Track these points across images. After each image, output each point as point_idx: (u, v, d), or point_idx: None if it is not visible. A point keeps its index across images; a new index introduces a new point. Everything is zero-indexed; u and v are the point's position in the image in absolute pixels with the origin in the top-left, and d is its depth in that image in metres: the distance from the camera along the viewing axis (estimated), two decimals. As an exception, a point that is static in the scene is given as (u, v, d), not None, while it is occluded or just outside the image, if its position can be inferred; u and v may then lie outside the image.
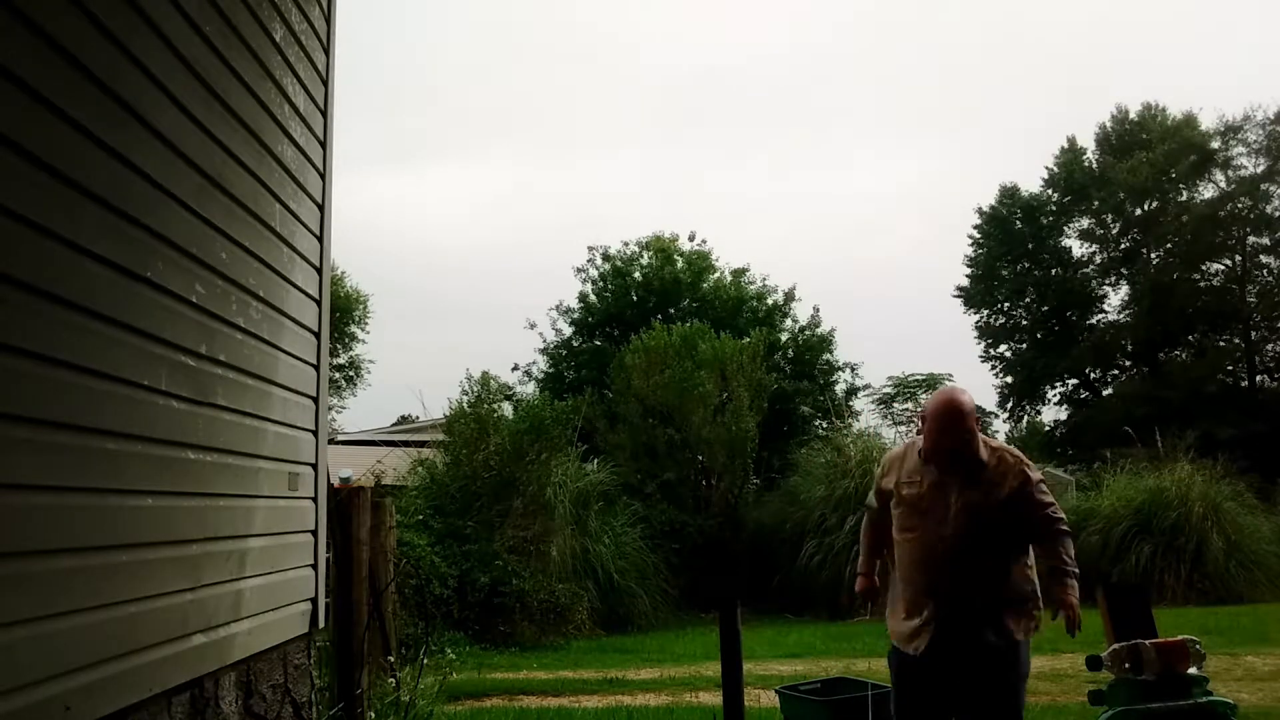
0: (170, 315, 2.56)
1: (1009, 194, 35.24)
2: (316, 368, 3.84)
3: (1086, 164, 34.23)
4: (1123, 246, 33.85)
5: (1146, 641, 1.95)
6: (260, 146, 3.19)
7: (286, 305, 3.48)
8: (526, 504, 11.92)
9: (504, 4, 66.09)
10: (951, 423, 3.21)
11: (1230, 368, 31.22)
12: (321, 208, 3.93)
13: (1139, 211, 33.08)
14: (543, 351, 23.61)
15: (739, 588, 14.27)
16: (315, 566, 3.81)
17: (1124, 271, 33.77)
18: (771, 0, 61.49)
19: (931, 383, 19.25)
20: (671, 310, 21.46)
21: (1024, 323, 35.76)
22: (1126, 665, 1.99)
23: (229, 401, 2.93)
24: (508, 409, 14.82)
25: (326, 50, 4.00)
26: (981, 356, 35.84)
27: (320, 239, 3.91)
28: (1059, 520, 3.22)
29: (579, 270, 23.66)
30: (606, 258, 23.45)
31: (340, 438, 18.28)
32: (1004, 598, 3.14)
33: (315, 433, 3.83)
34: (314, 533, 3.82)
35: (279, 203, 3.39)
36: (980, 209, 35.52)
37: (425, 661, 5.58)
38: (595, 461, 15.19)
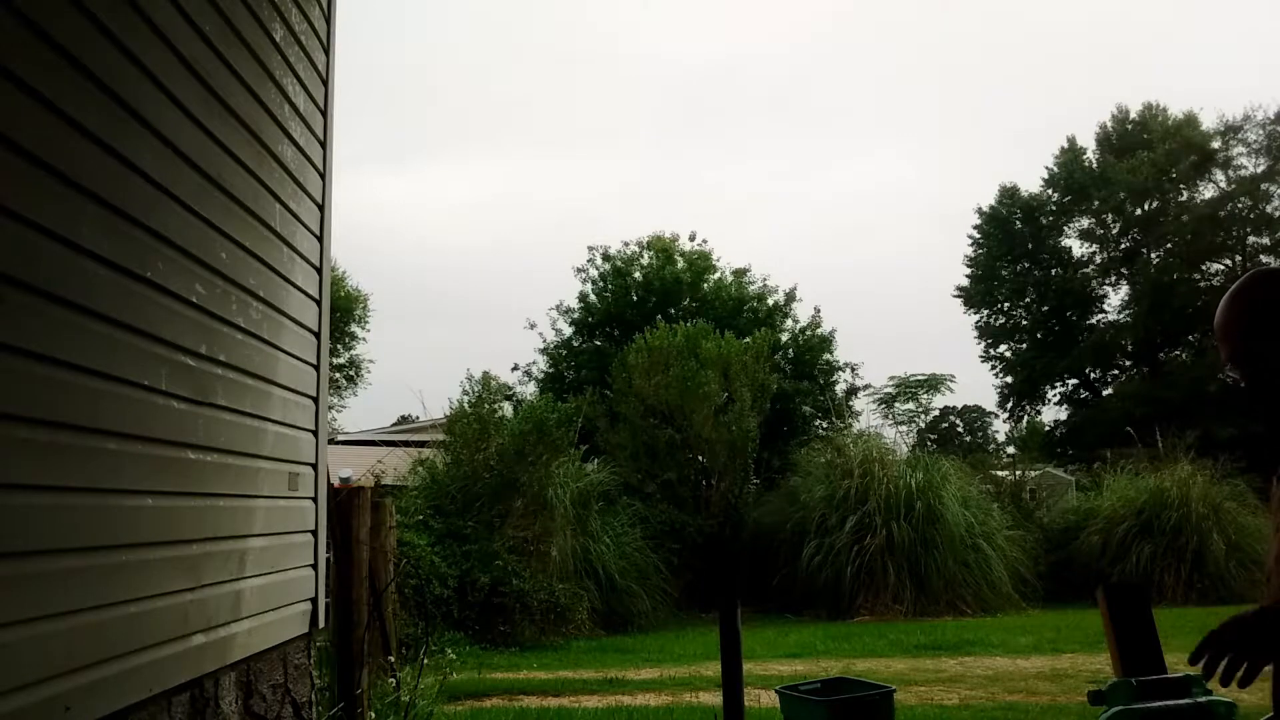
0: (170, 315, 2.56)
1: (1009, 194, 35.25)
2: (316, 368, 3.84)
3: (1086, 164, 34.24)
4: (1123, 246, 33.86)
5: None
6: (260, 146, 3.19)
7: (286, 305, 3.48)
8: (527, 504, 11.92)
9: (504, 4, 66.12)
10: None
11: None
12: (321, 208, 3.93)
13: (1139, 211, 33.09)
14: (543, 351, 23.63)
15: (739, 588, 14.27)
16: (315, 566, 3.81)
17: (1124, 271, 33.78)
18: (772, 0, 61.52)
19: (933, 383, 19.20)
20: (672, 310, 21.44)
21: (1024, 323, 35.77)
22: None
23: (229, 401, 2.93)
24: (508, 409, 14.82)
25: (326, 50, 4.00)
26: (981, 356, 35.90)
27: (320, 239, 3.91)
28: None
29: (579, 270, 23.68)
30: (606, 258, 23.45)
31: (340, 438, 18.28)
32: None
33: (315, 433, 3.83)
34: (314, 533, 3.82)
35: (279, 203, 3.39)
36: (980, 209, 35.58)
37: (425, 661, 5.58)
38: (595, 461, 15.19)
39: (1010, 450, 27.34)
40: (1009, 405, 36.06)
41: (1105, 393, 34.04)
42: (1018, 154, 67.51)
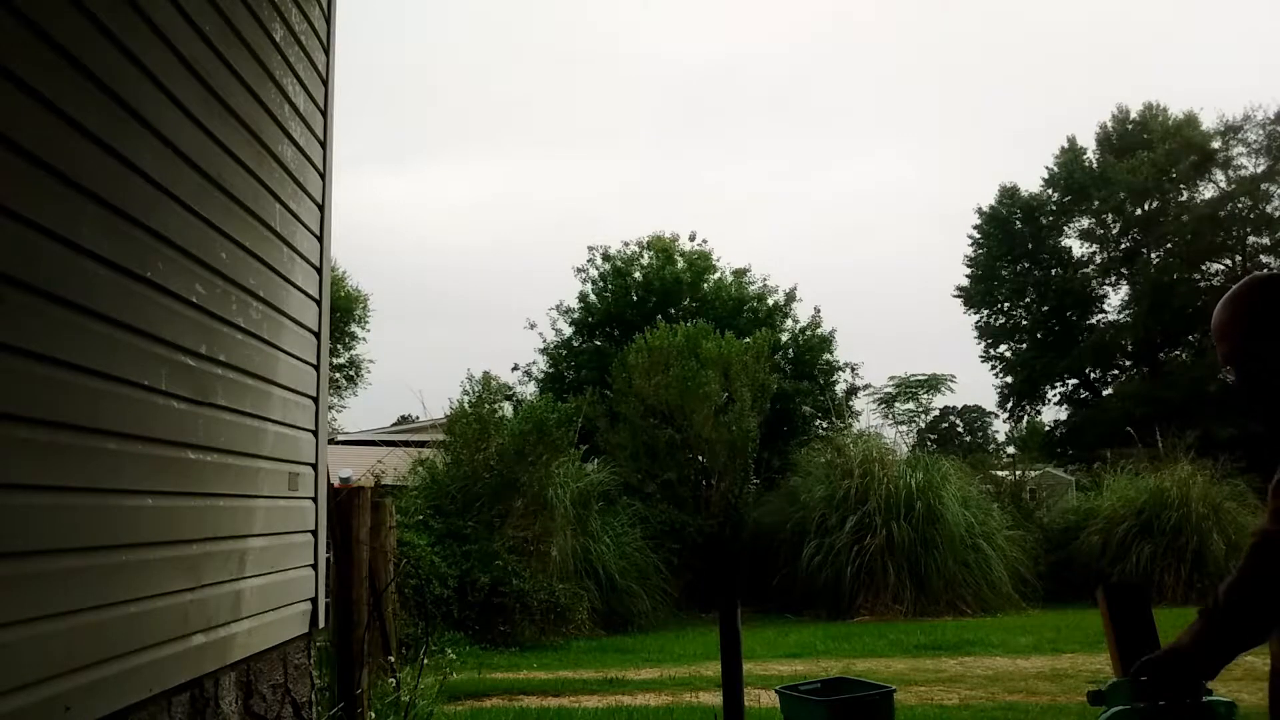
0: (170, 315, 2.56)
1: (1009, 194, 35.25)
2: (316, 368, 3.84)
3: (1087, 164, 34.24)
4: (1123, 246, 33.87)
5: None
6: (260, 146, 3.19)
7: (286, 305, 3.48)
8: (527, 504, 11.92)
9: (504, 4, 66.13)
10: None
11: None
12: (321, 208, 3.93)
13: (1139, 211, 33.09)
14: (543, 351, 23.62)
15: (739, 588, 14.27)
16: (315, 566, 3.81)
17: (1124, 271, 33.78)
18: (772, 1, 61.53)
19: (933, 383, 19.20)
20: (672, 310, 21.45)
21: (1024, 323, 35.78)
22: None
23: (229, 401, 2.93)
24: (508, 409, 14.82)
25: (326, 50, 4.00)
26: (981, 356, 35.91)
27: (320, 239, 3.91)
28: None
29: (579, 270, 23.68)
30: (606, 258, 23.44)
31: (340, 438, 18.28)
32: None
33: (315, 433, 3.83)
34: (314, 533, 3.82)
35: (279, 203, 3.39)
36: (980, 209, 35.58)
37: (425, 661, 5.58)
38: (595, 461, 15.19)
39: (1010, 450, 27.35)
40: (1009, 405, 36.08)
41: (1105, 393, 34.05)
42: (1018, 154, 67.66)
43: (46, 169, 2.01)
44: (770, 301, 22.99)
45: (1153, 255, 33.03)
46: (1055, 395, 35.49)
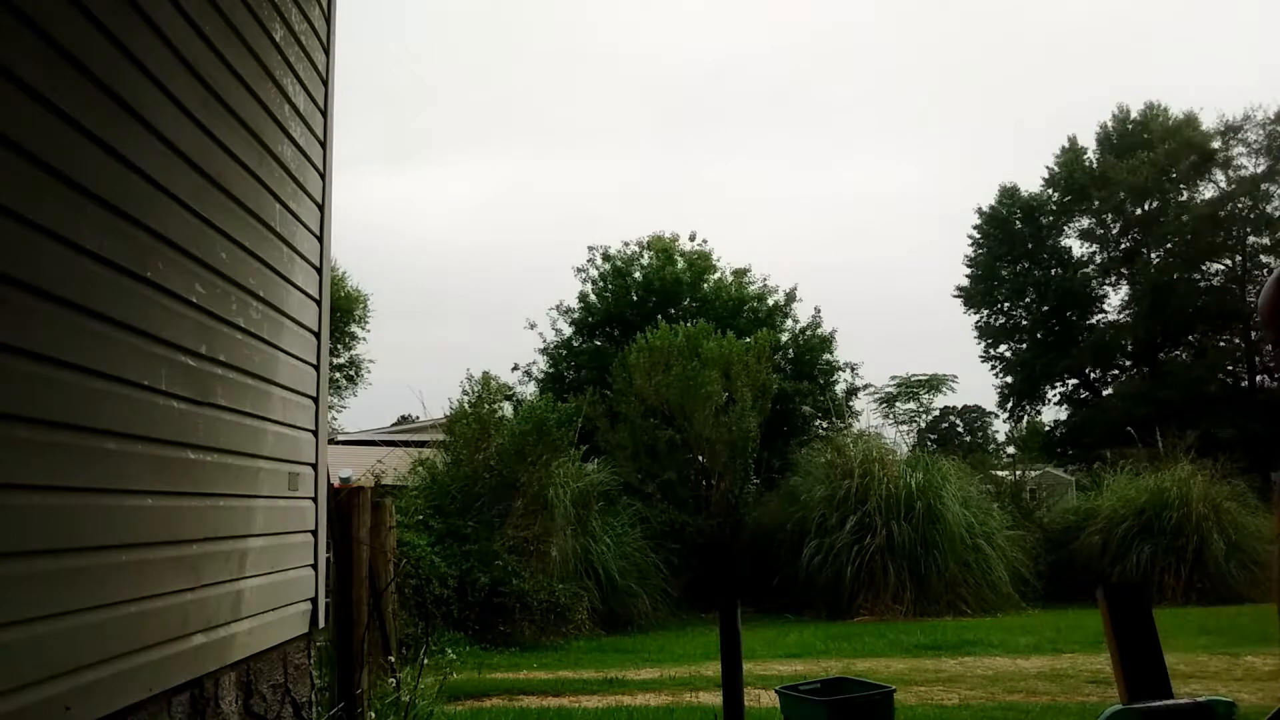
0: (170, 315, 2.56)
1: (1009, 194, 35.28)
2: (316, 368, 3.84)
3: (1087, 164, 34.27)
4: (1123, 246, 33.90)
5: None
6: (260, 146, 3.19)
7: (286, 305, 3.48)
8: (527, 504, 11.92)
9: (504, 4, 66.10)
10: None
11: (1230, 368, 31.26)
12: (321, 208, 3.93)
13: (1139, 211, 33.11)
14: (543, 351, 23.62)
15: (739, 588, 14.27)
16: (315, 566, 3.81)
17: (1124, 271, 33.82)
18: (773, 1, 61.53)
19: (934, 383, 19.23)
20: (672, 310, 21.45)
21: (1024, 323, 35.81)
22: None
23: (229, 401, 2.93)
24: (508, 409, 14.82)
25: (326, 50, 4.00)
26: (981, 356, 35.94)
27: (320, 239, 3.91)
28: None
29: (579, 270, 23.68)
30: (607, 258, 23.44)
31: (340, 438, 18.30)
32: None
33: (315, 433, 3.83)
34: (314, 533, 3.82)
35: (279, 203, 3.39)
36: (980, 209, 35.61)
37: (425, 661, 5.58)
38: (596, 461, 15.19)
39: (1010, 450, 27.38)
40: (1009, 405, 36.12)
41: (1105, 393, 34.08)
42: (1018, 154, 67.64)
43: (46, 169, 2.01)
44: (770, 301, 22.99)
45: (1153, 255, 33.05)
46: (1055, 395, 35.55)
